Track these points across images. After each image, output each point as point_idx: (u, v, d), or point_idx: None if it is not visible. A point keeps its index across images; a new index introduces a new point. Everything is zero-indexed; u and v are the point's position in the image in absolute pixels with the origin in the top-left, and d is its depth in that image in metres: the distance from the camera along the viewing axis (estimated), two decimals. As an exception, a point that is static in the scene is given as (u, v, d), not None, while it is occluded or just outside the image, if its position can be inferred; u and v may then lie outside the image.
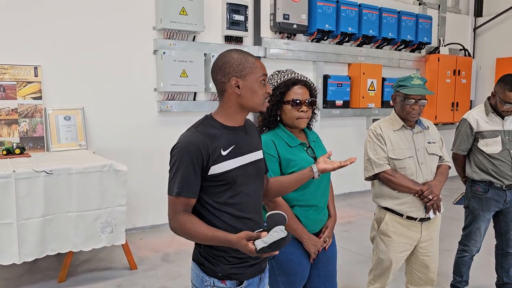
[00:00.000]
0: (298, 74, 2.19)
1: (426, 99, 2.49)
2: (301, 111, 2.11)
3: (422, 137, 2.60)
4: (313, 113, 2.24)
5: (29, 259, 3.31)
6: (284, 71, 2.21)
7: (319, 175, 1.82)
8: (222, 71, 1.63)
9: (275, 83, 2.15)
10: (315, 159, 2.15)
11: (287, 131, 2.17)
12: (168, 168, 1.64)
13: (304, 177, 1.85)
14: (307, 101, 2.12)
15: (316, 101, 2.19)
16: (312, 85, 2.20)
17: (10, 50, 4.31)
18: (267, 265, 1.84)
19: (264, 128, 2.22)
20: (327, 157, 1.84)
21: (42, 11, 4.45)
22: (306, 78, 2.21)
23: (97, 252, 4.25)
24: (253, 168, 1.70)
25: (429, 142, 2.60)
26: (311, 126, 2.29)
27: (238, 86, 1.62)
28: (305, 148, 2.18)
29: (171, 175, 1.60)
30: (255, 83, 1.63)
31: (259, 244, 1.43)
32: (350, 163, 1.76)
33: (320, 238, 2.21)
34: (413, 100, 2.47)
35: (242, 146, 1.68)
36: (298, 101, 2.10)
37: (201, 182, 1.60)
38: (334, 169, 1.81)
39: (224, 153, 1.61)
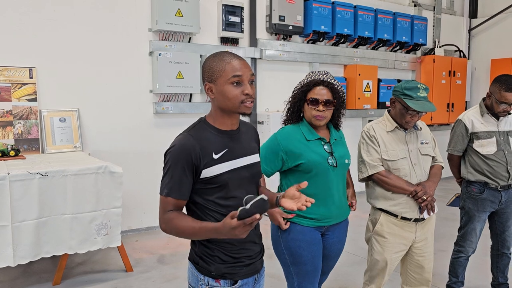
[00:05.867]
0: (328, 75, 2.28)
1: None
2: (317, 110, 2.23)
3: (415, 138, 2.60)
4: (339, 113, 2.35)
5: (23, 262, 3.29)
6: (318, 72, 2.32)
7: (281, 207, 1.71)
8: (202, 76, 1.69)
9: (303, 83, 2.29)
10: (332, 154, 2.27)
11: (309, 126, 2.30)
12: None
13: (272, 202, 1.74)
14: (324, 101, 2.23)
15: (334, 102, 2.26)
16: (337, 87, 2.27)
17: (5, 52, 4.29)
18: (264, 266, 1.85)
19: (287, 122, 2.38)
20: (297, 189, 1.66)
21: (37, 12, 4.43)
22: (333, 80, 2.28)
23: (93, 254, 4.24)
24: (246, 171, 1.71)
25: (422, 143, 2.61)
26: (339, 126, 2.41)
27: (211, 91, 1.64)
28: (322, 143, 2.28)
29: (163, 176, 1.63)
30: (224, 86, 1.60)
31: (240, 208, 1.39)
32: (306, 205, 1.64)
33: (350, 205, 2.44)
34: (415, 112, 2.46)
35: (235, 150, 1.68)
36: (314, 101, 2.23)
37: (193, 184, 1.62)
38: (291, 209, 1.64)
39: (216, 156, 1.62)
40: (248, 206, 1.39)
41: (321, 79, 2.25)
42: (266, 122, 5.72)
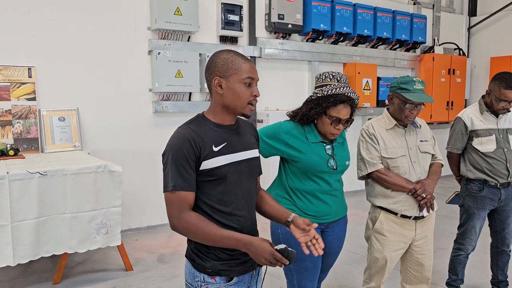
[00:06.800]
0: (348, 88, 2.18)
1: (424, 104, 2.50)
2: (337, 128, 2.19)
3: (415, 136, 2.60)
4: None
5: (23, 261, 3.29)
6: (339, 78, 2.22)
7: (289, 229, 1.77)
8: (209, 70, 1.67)
9: (326, 93, 2.16)
10: (333, 156, 2.26)
11: (315, 130, 2.26)
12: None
13: (281, 221, 1.80)
14: (345, 121, 2.19)
15: (353, 119, 2.24)
16: (356, 101, 2.23)
17: (4, 51, 4.29)
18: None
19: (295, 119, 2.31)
20: (308, 225, 1.71)
21: (36, 11, 4.42)
22: (354, 94, 2.19)
23: (92, 253, 4.24)
24: (245, 166, 1.71)
25: (421, 141, 2.61)
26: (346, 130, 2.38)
27: (220, 86, 1.64)
28: (324, 145, 2.26)
29: (165, 172, 1.61)
30: (237, 84, 1.62)
31: (280, 246, 1.57)
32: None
33: None
34: (413, 105, 2.47)
35: (235, 144, 1.69)
36: (337, 120, 2.18)
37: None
38: (299, 241, 1.71)
39: (215, 149, 1.63)
40: (289, 249, 1.56)
41: (348, 95, 2.15)
42: (266, 121, 5.72)
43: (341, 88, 2.16)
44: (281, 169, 2.38)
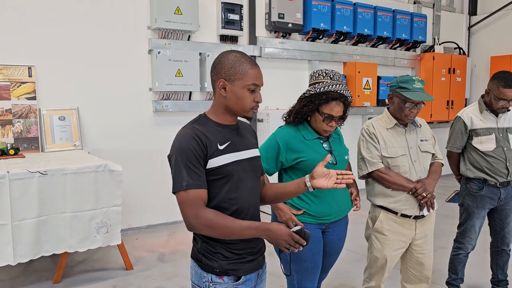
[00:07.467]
0: (342, 86, 2.19)
1: (424, 103, 2.50)
2: (330, 125, 2.21)
3: (415, 135, 2.61)
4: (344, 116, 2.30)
5: (24, 260, 3.30)
6: (332, 76, 2.23)
7: (314, 189, 1.75)
8: (215, 70, 1.67)
9: (318, 90, 2.17)
10: (331, 152, 2.27)
11: (309, 127, 2.28)
12: (164, 168, 1.65)
13: (299, 190, 1.80)
14: (338, 117, 2.21)
15: (346, 116, 2.26)
16: (349, 99, 2.24)
17: (4, 51, 4.29)
18: (265, 262, 1.86)
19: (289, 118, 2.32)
20: (323, 164, 1.72)
21: (36, 11, 4.42)
22: (347, 91, 2.20)
23: (93, 252, 4.24)
24: (248, 164, 1.73)
25: (421, 140, 2.61)
26: (340, 127, 2.41)
27: (224, 89, 1.64)
28: (321, 142, 2.28)
29: (175, 172, 1.60)
30: (241, 90, 1.63)
31: (296, 227, 1.61)
32: (346, 183, 1.73)
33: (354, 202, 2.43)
34: (413, 104, 2.47)
35: (237, 143, 1.71)
36: (329, 117, 2.19)
37: None
38: (328, 188, 1.72)
39: (221, 147, 1.64)
40: (305, 230, 1.60)
41: (339, 91, 2.16)
42: (266, 120, 5.73)
43: (334, 86, 2.17)
44: (281, 177, 2.39)
